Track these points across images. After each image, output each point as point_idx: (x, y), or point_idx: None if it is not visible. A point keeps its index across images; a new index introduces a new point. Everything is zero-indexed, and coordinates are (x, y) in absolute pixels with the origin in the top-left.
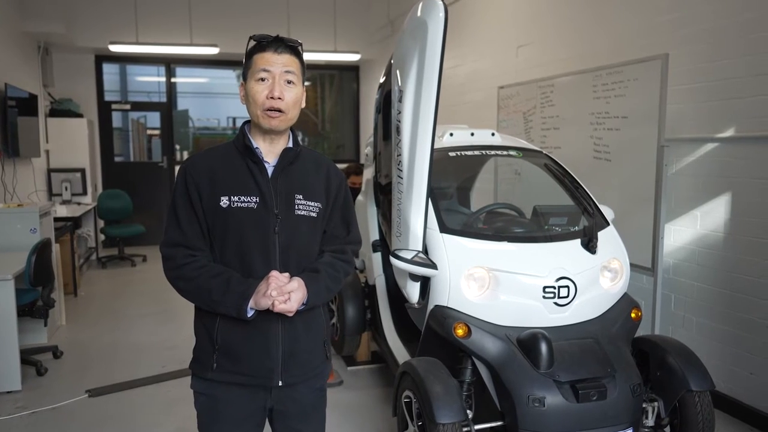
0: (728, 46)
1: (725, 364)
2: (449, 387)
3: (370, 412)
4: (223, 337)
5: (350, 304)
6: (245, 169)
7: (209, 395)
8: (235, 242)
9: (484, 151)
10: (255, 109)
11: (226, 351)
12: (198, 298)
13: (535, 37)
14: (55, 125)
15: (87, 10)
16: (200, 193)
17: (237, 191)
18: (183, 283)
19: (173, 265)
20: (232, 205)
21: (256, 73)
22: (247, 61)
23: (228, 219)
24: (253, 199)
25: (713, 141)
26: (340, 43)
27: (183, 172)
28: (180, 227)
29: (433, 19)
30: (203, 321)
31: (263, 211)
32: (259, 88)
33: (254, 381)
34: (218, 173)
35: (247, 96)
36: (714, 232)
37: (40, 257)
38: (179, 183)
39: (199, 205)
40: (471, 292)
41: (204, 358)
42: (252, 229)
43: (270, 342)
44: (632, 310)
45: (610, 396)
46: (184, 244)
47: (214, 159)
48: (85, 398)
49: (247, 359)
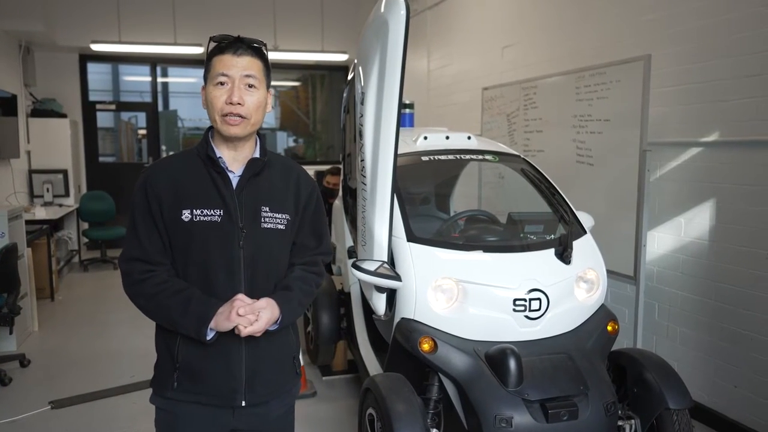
0: (713, 46)
1: (709, 376)
2: (412, 405)
3: (341, 425)
4: (184, 356)
5: (325, 312)
6: (208, 179)
7: (169, 412)
8: (197, 257)
9: (459, 156)
10: (214, 114)
11: (187, 370)
12: (158, 316)
13: (520, 37)
14: (37, 126)
15: (68, 8)
16: (161, 205)
17: (200, 204)
18: (143, 300)
19: (131, 281)
20: (194, 218)
21: (215, 77)
22: (207, 63)
23: (190, 233)
24: (217, 212)
25: (698, 145)
26: (327, 43)
27: (143, 182)
28: (139, 241)
29: (394, 16)
30: (164, 338)
31: (227, 224)
32: (217, 93)
33: (216, 401)
34: (180, 184)
35: (207, 101)
36: (698, 240)
37: (5, 263)
38: (138, 194)
39: (160, 217)
40: (438, 305)
41: (164, 376)
42: (216, 244)
43: (232, 361)
44: (609, 323)
45: (582, 415)
46: (142, 259)
47: (175, 169)
48: (48, 410)
49: (208, 379)
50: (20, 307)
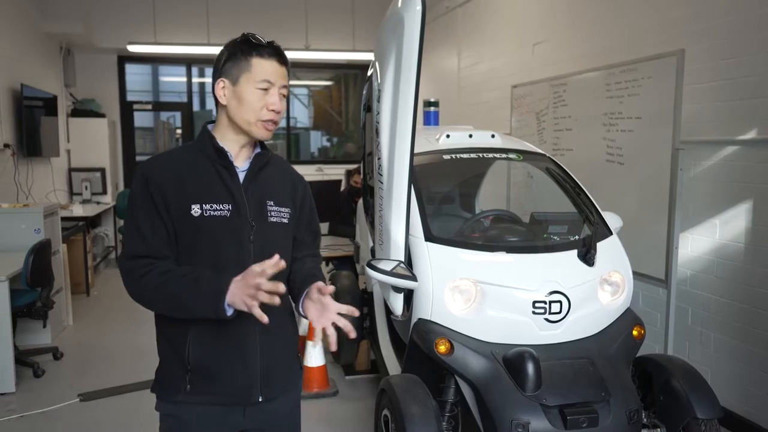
0: (748, 41)
1: (743, 384)
2: (426, 408)
3: (362, 425)
4: (196, 355)
5: None
6: (215, 174)
7: (178, 417)
8: (208, 253)
9: (482, 154)
10: (249, 115)
11: (201, 370)
12: (168, 306)
13: (550, 34)
14: (77, 125)
15: (106, 10)
16: (165, 199)
17: (208, 198)
18: (149, 293)
19: (134, 277)
20: (204, 213)
21: (257, 81)
22: (238, 59)
23: (200, 228)
24: (226, 207)
25: (733, 144)
26: (358, 42)
27: (142, 177)
28: (142, 238)
29: (410, 13)
30: (169, 340)
31: (237, 219)
32: (258, 95)
33: (232, 399)
34: (185, 178)
35: (238, 98)
36: (734, 242)
37: (38, 258)
38: (138, 189)
39: (165, 211)
40: (456, 306)
41: (173, 380)
42: (227, 238)
43: (247, 357)
44: (634, 328)
45: (603, 422)
46: (145, 255)
47: (178, 162)
48: (77, 402)
49: (224, 377)
50: (53, 302)
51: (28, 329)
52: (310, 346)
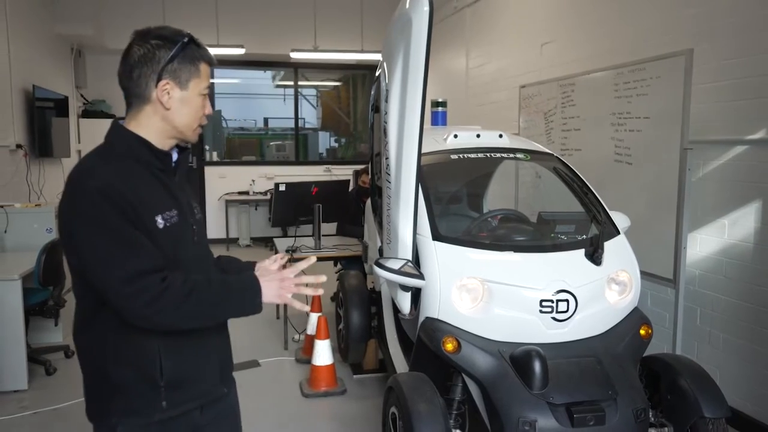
0: (757, 41)
1: (752, 385)
2: (433, 405)
3: (369, 423)
4: (169, 368)
5: (356, 311)
6: (156, 180)
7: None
8: (173, 262)
9: (489, 154)
10: (192, 121)
11: (175, 382)
12: (194, 315)
13: (559, 34)
14: (87, 126)
15: (117, 12)
16: (136, 213)
17: (162, 207)
18: (171, 310)
19: (153, 297)
20: (166, 224)
21: (203, 87)
22: (188, 63)
23: (165, 239)
24: (174, 213)
25: (742, 143)
26: (367, 43)
27: (102, 193)
28: (136, 253)
29: (418, 13)
30: (130, 361)
31: (184, 223)
32: (201, 101)
33: (207, 398)
34: (140, 190)
35: (184, 103)
36: (743, 242)
37: (50, 257)
38: (105, 206)
39: (141, 225)
40: (463, 305)
41: (145, 402)
42: (183, 243)
43: (210, 352)
44: (642, 327)
45: (610, 421)
46: (148, 270)
47: (127, 175)
48: None
49: (198, 379)
50: (65, 300)
51: (39, 328)
52: (318, 344)
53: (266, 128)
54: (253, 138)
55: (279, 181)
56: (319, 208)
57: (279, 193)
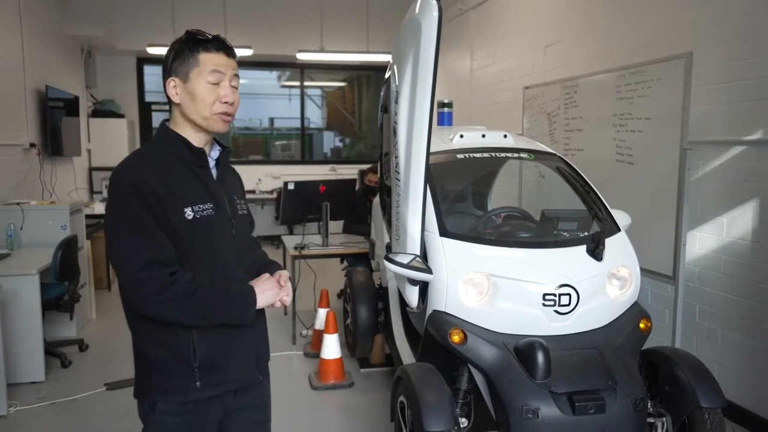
0: (756, 44)
1: (751, 380)
2: (441, 394)
3: (376, 415)
4: (203, 352)
5: (363, 306)
6: (192, 175)
7: (182, 415)
8: (203, 252)
9: (494, 153)
10: (203, 110)
11: (208, 364)
12: (193, 314)
13: (562, 36)
14: (97, 125)
15: (126, 14)
16: (163, 206)
17: (194, 200)
18: (174, 304)
19: (158, 288)
20: (196, 215)
21: (207, 74)
22: (185, 57)
23: (195, 230)
24: (209, 206)
25: (740, 144)
26: (372, 44)
27: (133, 188)
28: (154, 244)
29: (427, 19)
30: (167, 343)
31: (220, 216)
32: (210, 89)
33: (241, 383)
34: (171, 183)
35: (190, 95)
36: (741, 240)
37: (66, 253)
38: (133, 199)
39: (164, 218)
40: (469, 298)
41: (180, 382)
42: (217, 236)
43: (244, 341)
44: (641, 320)
45: (609, 409)
46: (160, 261)
47: (159, 169)
48: (103, 391)
49: (231, 364)
50: (80, 295)
51: (54, 322)
52: (327, 338)
53: (272, 128)
54: (258, 137)
55: (285, 180)
56: (327, 206)
57: (288, 191)
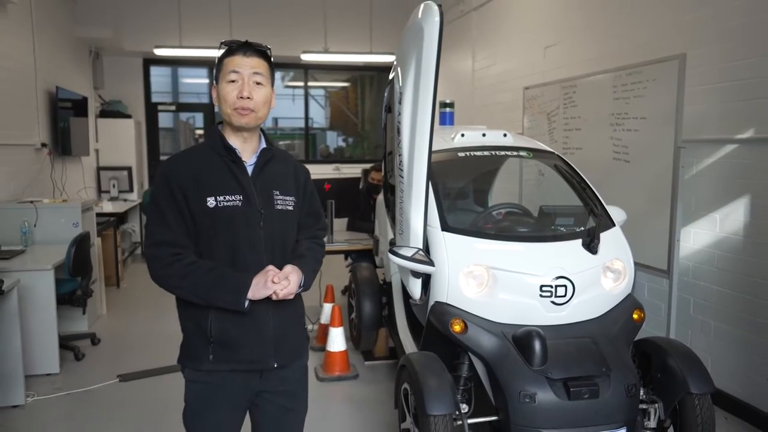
0: (749, 45)
1: (744, 371)
2: (443, 380)
3: (381, 405)
4: (218, 329)
5: (367, 301)
6: (226, 169)
7: (205, 383)
8: (224, 239)
9: (494, 152)
10: (226, 108)
11: (222, 341)
12: (191, 292)
13: (562, 37)
14: (105, 125)
15: (134, 16)
16: (185, 195)
17: (221, 191)
18: (175, 280)
19: (161, 264)
20: (218, 204)
21: (227, 75)
22: (218, 65)
23: (216, 218)
24: (237, 198)
25: (732, 142)
26: (375, 45)
27: (164, 175)
28: (166, 227)
29: (429, 24)
30: (192, 317)
31: (248, 208)
32: (229, 88)
33: (250, 366)
34: (201, 175)
35: (220, 97)
36: (734, 236)
37: (79, 249)
38: (161, 186)
39: (185, 205)
40: (470, 290)
41: (197, 352)
42: (240, 225)
43: (262, 328)
44: (634, 311)
45: (603, 395)
46: (170, 242)
47: (194, 161)
48: (116, 382)
49: (243, 346)
50: (92, 291)
51: (66, 317)
52: (332, 332)
53: (276, 128)
54: None
55: None
56: (332, 204)
57: None
